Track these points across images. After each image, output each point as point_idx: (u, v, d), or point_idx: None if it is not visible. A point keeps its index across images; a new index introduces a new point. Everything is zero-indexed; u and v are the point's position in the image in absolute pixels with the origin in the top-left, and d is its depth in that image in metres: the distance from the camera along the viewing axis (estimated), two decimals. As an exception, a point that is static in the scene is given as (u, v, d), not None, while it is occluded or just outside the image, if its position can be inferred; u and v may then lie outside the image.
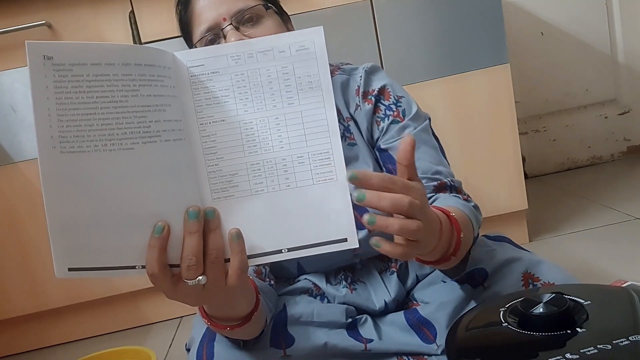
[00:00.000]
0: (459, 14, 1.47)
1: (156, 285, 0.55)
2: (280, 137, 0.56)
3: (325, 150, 0.56)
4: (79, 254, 0.52)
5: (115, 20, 1.42)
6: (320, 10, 1.45)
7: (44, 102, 0.49)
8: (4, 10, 1.39)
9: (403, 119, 0.89)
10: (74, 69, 0.50)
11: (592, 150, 2.32)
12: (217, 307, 0.65)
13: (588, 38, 2.22)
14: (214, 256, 0.55)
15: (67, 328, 1.58)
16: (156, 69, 0.53)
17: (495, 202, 1.55)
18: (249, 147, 0.56)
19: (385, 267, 0.93)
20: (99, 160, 0.51)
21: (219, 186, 0.56)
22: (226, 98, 0.56)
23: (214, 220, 0.55)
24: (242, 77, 0.56)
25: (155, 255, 0.53)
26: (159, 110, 0.53)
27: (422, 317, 0.85)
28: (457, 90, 1.50)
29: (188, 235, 0.54)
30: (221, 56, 0.56)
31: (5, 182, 1.46)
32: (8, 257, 1.48)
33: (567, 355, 0.54)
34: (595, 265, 1.37)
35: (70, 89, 0.50)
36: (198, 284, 0.55)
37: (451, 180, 0.87)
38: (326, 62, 0.56)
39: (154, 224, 0.53)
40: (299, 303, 0.87)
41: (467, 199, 0.86)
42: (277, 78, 0.56)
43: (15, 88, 1.41)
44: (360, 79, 0.92)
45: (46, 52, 0.49)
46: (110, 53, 0.51)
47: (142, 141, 0.52)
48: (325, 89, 0.56)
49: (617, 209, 1.73)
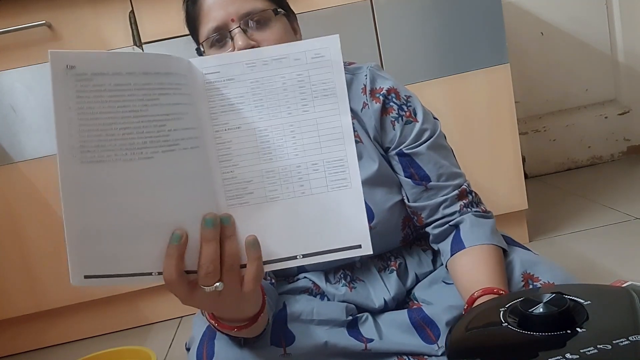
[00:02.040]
0: (459, 14, 1.48)
1: (173, 292, 0.56)
2: (295, 144, 0.56)
3: (340, 157, 0.56)
4: (95, 262, 0.52)
5: (116, 20, 1.42)
6: (320, 10, 1.45)
7: (65, 112, 0.49)
8: (4, 10, 1.39)
9: (415, 119, 0.91)
10: (95, 79, 0.50)
11: (592, 150, 2.32)
12: (228, 311, 0.66)
13: (588, 38, 2.22)
14: (230, 263, 0.55)
15: (67, 328, 1.58)
16: (174, 77, 0.53)
17: (495, 202, 1.54)
18: (264, 154, 0.56)
19: (385, 265, 0.93)
20: (118, 169, 0.51)
21: (234, 193, 0.56)
22: (241, 105, 0.56)
23: (229, 227, 0.55)
24: (257, 84, 0.56)
25: (174, 263, 0.53)
26: (177, 119, 0.53)
27: (427, 316, 0.84)
28: (457, 90, 1.50)
29: (205, 243, 0.54)
30: (236, 63, 0.56)
31: (5, 182, 1.46)
32: (8, 257, 1.48)
33: (567, 355, 0.54)
34: (595, 265, 1.37)
35: (92, 99, 0.50)
36: (215, 291, 0.55)
37: (468, 184, 0.92)
38: (342, 70, 0.56)
39: (171, 231, 0.53)
40: (299, 301, 0.87)
41: (485, 212, 0.90)
42: (292, 85, 0.56)
43: (15, 88, 1.41)
44: (366, 77, 0.92)
45: (69, 62, 0.49)
46: (131, 62, 0.51)
47: (161, 150, 0.52)
48: (341, 96, 0.56)
49: (617, 209, 1.73)
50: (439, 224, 0.89)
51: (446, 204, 0.88)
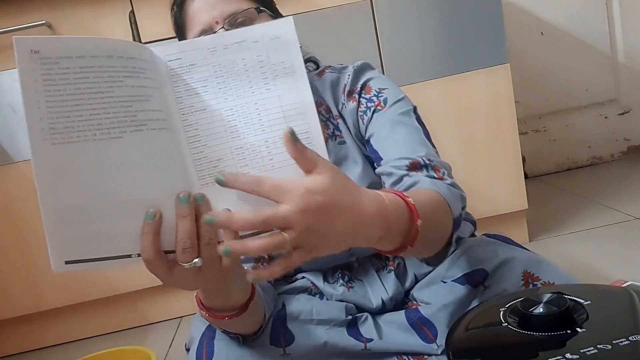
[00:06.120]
0: (459, 14, 1.48)
1: (153, 271, 0.56)
2: (260, 120, 0.59)
3: (304, 130, 0.59)
4: (74, 246, 0.53)
5: (115, 20, 1.42)
6: (320, 10, 1.45)
7: (33, 95, 0.50)
8: (4, 10, 1.39)
9: (384, 107, 0.89)
10: (60, 62, 0.51)
11: (592, 150, 2.32)
12: (213, 293, 0.66)
13: (588, 38, 2.22)
14: (208, 238, 0.56)
15: (67, 328, 1.58)
16: (137, 62, 0.55)
17: (495, 202, 1.55)
18: (231, 133, 0.58)
19: (383, 265, 0.93)
20: (89, 149, 0.52)
21: (206, 172, 0.57)
22: (205, 88, 0.58)
23: (204, 205, 0.56)
24: (219, 68, 0.59)
25: (150, 240, 0.54)
26: (144, 100, 0.54)
27: (423, 316, 0.85)
28: (457, 90, 1.50)
29: (181, 219, 0.55)
30: (198, 49, 0.58)
31: (5, 181, 1.46)
32: (8, 257, 1.48)
33: (567, 355, 0.54)
34: (595, 265, 1.37)
35: (58, 81, 0.51)
36: (194, 267, 0.56)
37: (427, 158, 0.81)
38: (298, 49, 0.60)
39: (146, 211, 0.54)
40: (298, 301, 0.87)
41: (443, 178, 0.79)
42: (253, 66, 0.59)
43: (15, 88, 1.41)
44: (349, 77, 0.92)
45: (33, 47, 0.50)
46: (94, 46, 0.52)
47: (129, 130, 0.53)
48: (299, 73, 0.59)
49: (617, 209, 1.73)
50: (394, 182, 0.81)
51: (395, 168, 0.81)
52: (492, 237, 0.93)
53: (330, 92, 0.93)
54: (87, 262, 0.54)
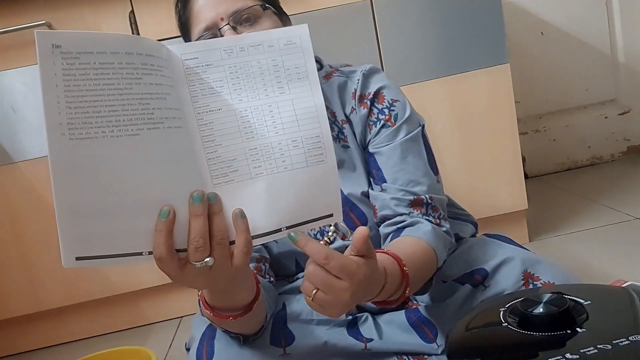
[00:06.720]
0: (459, 14, 1.47)
1: (164, 269, 0.56)
2: (274, 122, 0.60)
3: (316, 134, 0.60)
4: (86, 242, 0.53)
5: (116, 20, 1.42)
6: (320, 10, 1.45)
7: (52, 90, 0.50)
8: (4, 10, 1.39)
9: (394, 123, 0.89)
10: (81, 57, 0.51)
11: (592, 150, 2.32)
12: (221, 292, 0.66)
13: (588, 38, 2.22)
14: (220, 237, 0.56)
15: (67, 328, 1.58)
16: (155, 59, 0.55)
17: (495, 202, 1.55)
18: (245, 134, 0.59)
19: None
20: (106, 146, 0.52)
21: (219, 172, 0.58)
22: (220, 88, 0.59)
23: (217, 204, 0.57)
24: (235, 69, 0.59)
25: (163, 238, 0.54)
26: (161, 98, 0.55)
27: (423, 316, 0.85)
28: (457, 90, 1.50)
29: (194, 218, 0.55)
30: (214, 50, 0.59)
31: (5, 182, 1.46)
32: (8, 257, 1.48)
33: (567, 355, 0.54)
34: (595, 265, 1.37)
35: (78, 77, 0.51)
36: (205, 266, 0.56)
37: (429, 197, 0.85)
38: (312, 55, 0.61)
39: (159, 209, 0.54)
40: (298, 301, 0.87)
41: (439, 224, 0.85)
42: (267, 69, 0.60)
43: (16, 88, 1.41)
44: (358, 82, 0.91)
45: (55, 41, 0.50)
46: (114, 42, 0.52)
47: (146, 127, 0.54)
48: (312, 78, 0.61)
49: (617, 209, 1.73)
50: (390, 223, 0.85)
51: (397, 202, 0.85)
52: (493, 237, 0.93)
53: (337, 96, 0.93)
54: (98, 258, 0.54)
